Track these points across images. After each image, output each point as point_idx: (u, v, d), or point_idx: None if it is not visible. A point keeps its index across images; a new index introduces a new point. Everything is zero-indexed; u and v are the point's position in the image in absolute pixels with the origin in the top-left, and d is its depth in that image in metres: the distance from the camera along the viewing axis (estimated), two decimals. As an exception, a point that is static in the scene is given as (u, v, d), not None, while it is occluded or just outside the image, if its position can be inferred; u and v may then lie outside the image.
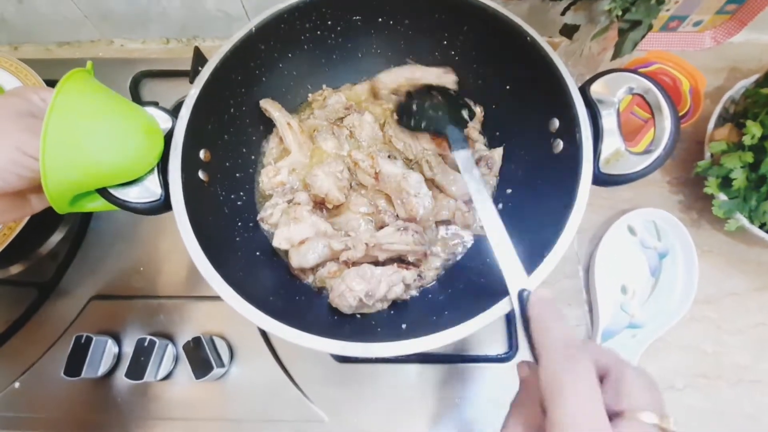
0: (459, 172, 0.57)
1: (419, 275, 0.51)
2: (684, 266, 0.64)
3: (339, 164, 0.56)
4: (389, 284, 0.47)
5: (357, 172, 0.57)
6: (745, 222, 0.61)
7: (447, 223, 0.56)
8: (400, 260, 0.52)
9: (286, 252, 0.53)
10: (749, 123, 0.60)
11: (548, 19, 0.76)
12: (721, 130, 0.66)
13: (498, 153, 0.58)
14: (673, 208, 0.71)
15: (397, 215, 0.53)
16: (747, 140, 0.60)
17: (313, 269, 0.53)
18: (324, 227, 0.52)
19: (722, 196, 0.63)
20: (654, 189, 0.73)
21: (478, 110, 0.60)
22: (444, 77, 0.61)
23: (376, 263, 0.50)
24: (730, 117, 0.70)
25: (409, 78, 0.62)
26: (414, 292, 0.52)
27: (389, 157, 0.57)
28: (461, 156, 0.50)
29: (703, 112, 0.71)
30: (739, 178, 0.60)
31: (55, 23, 0.84)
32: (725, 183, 0.62)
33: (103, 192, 0.45)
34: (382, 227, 0.52)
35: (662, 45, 0.83)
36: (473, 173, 0.47)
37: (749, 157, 0.59)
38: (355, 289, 0.46)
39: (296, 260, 0.51)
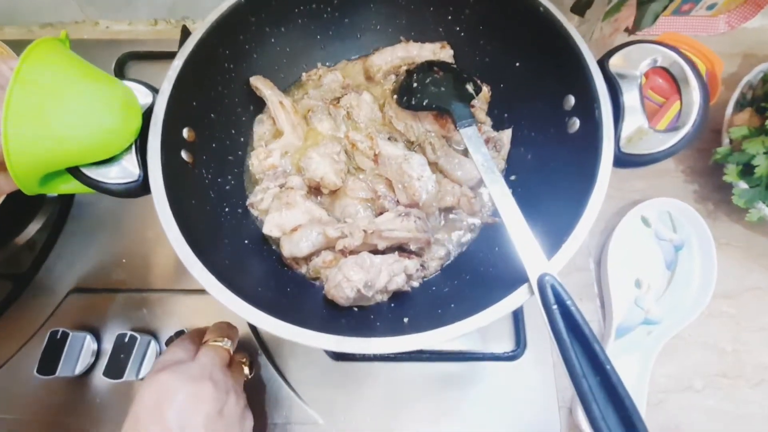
0: (464, 154, 0.54)
1: (422, 265, 0.47)
2: (701, 259, 0.61)
3: (335, 146, 0.52)
4: (390, 274, 0.43)
5: (355, 155, 0.53)
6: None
7: (451, 209, 0.52)
8: (401, 249, 0.48)
9: (277, 240, 0.49)
10: (773, 106, 0.57)
11: None
12: (741, 115, 0.63)
13: (507, 135, 0.54)
14: (687, 199, 0.67)
15: (398, 200, 0.49)
16: (771, 124, 0.56)
17: (307, 259, 0.49)
18: (319, 213, 0.48)
19: (743, 185, 0.59)
20: (667, 178, 0.70)
21: (486, 89, 0.56)
22: (440, 52, 0.57)
23: (376, 252, 0.46)
24: (748, 102, 0.66)
25: (403, 57, 0.58)
26: (416, 284, 0.48)
27: (389, 138, 0.53)
28: (468, 133, 0.46)
29: (719, 99, 0.68)
30: (762, 164, 0.57)
31: (37, 3, 0.79)
32: (746, 170, 0.59)
33: (75, 171, 0.41)
34: (381, 214, 0.48)
35: (675, 29, 0.80)
36: (482, 151, 0.43)
37: (773, 142, 0.56)
38: (353, 279, 0.42)
39: (288, 249, 0.47)
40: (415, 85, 0.52)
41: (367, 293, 0.42)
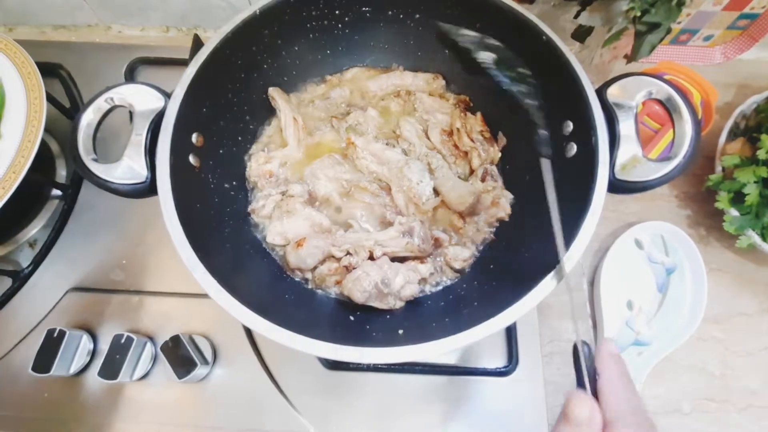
0: (462, 179, 0.55)
1: (438, 269, 0.49)
2: (692, 283, 0.62)
3: (343, 168, 0.53)
4: (405, 279, 0.45)
5: (355, 161, 0.54)
6: (757, 239, 0.59)
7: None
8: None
9: (281, 247, 0.50)
10: (764, 137, 0.59)
11: (558, 26, 0.74)
12: (734, 144, 0.64)
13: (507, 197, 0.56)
14: (680, 223, 0.69)
15: (396, 204, 0.51)
16: (761, 154, 0.58)
17: (312, 268, 0.50)
18: (319, 219, 0.49)
19: (734, 212, 0.61)
20: (661, 203, 0.71)
21: (478, 115, 0.59)
22: (433, 83, 0.59)
23: (393, 259, 0.48)
24: (741, 132, 0.68)
25: (397, 84, 0.61)
26: (427, 289, 0.50)
27: (387, 144, 0.55)
28: (547, 166, 0.43)
29: (713, 128, 0.70)
30: (752, 193, 0.58)
31: (51, 5, 0.81)
32: (737, 198, 0.60)
33: (84, 170, 0.42)
34: (382, 221, 0.49)
35: (672, 58, 0.82)
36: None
37: (763, 172, 0.57)
38: (371, 274, 0.44)
39: (294, 262, 0.49)
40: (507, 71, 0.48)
41: (383, 289, 0.43)
